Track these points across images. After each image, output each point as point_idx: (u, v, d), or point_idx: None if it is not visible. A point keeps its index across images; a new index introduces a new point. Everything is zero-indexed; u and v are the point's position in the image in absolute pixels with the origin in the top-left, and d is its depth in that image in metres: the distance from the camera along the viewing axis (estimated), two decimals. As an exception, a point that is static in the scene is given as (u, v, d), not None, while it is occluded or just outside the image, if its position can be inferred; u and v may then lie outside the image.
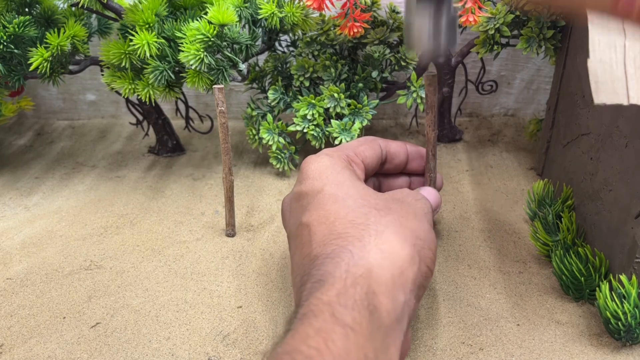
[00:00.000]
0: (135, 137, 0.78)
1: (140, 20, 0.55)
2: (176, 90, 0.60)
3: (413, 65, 0.63)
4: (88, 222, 0.58)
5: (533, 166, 0.65)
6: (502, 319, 0.43)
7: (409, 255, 0.33)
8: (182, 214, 0.59)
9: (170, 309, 0.46)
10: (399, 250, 0.33)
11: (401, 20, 0.66)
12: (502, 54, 0.62)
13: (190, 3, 0.60)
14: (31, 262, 0.52)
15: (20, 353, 0.42)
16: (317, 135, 0.61)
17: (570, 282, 0.44)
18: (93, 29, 0.67)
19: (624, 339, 0.39)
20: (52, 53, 0.56)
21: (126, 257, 0.52)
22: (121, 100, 0.79)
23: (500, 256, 0.51)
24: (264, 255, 0.52)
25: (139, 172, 0.68)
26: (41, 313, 0.46)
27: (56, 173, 0.69)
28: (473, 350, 0.41)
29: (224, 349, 0.41)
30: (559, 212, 0.50)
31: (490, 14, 0.56)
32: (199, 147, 0.74)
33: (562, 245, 0.47)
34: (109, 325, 0.44)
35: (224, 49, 0.56)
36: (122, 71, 0.58)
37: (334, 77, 0.63)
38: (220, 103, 0.49)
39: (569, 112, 0.53)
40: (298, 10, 0.59)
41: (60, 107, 0.84)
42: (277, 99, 0.64)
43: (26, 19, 0.56)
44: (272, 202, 0.60)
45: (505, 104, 0.79)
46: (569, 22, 0.54)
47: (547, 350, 0.40)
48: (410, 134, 0.75)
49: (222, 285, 0.48)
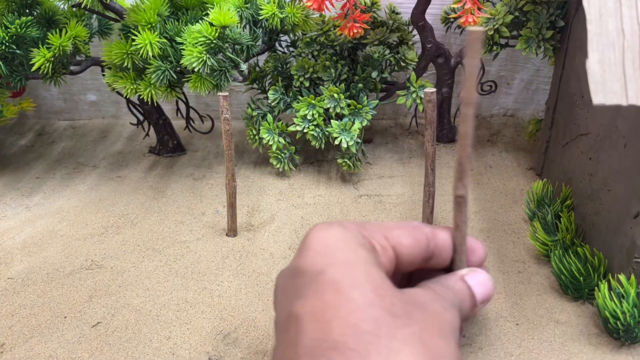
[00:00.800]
0: (136, 137, 0.78)
1: (142, 20, 0.56)
2: (177, 90, 0.60)
3: (412, 65, 0.64)
4: (89, 222, 0.58)
5: (532, 166, 0.65)
6: (502, 318, 0.44)
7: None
8: (182, 213, 0.59)
9: (171, 308, 0.46)
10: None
11: (401, 21, 0.66)
12: (501, 54, 0.62)
13: (191, 3, 0.60)
14: (32, 262, 0.52)
15: (22, 352, 0.42)
16: (317, 135, 0.61)
17: (569, 281, 0.44)
18: (94, 29, 0.67)
19: (622, 338, 0.40)
20: (54, 53, 0.56)
21: (127, 257, 0.52)
22: (122, 101, 0.79)
23: (500, 256, 0.51)
24: (264, 255, 0.52)
25: (139, 172, 0.68)
26: (42, 312, 0.46)
27: (57, 173, 0.69)
28: (473, 350, 0.41)
29: (224, 348, 0.42)
30: (558, 212, 0.50)
31: (490, 15, 0.57)
32: (200, 147, 0.74)
33: (561, 245, 0.47)
34: (109, 325, 0.44)
35: (226, 50, 0.56)
36: (124, 71, 0.59)
37: (334, 77, 0.63)
38: (224, 110, 0.49)
39: (568, 113, 0.53)
40: (298, 10, 0.60)
41: (61, 107, 0.84)
42: (277, 99, 0.64)
43: (28, 20, 0.56)
44: (273, 202, 0.61)
45: (504, 104, 0.79)
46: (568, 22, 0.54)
47: (546, 349, 0.41)
48: (410, 134, 0.75)
49: (223, 285, 0.48)
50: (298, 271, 0.29)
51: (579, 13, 0.51)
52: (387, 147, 0.72)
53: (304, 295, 0.28)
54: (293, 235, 0.55)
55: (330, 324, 0.26)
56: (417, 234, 0.33)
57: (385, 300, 0.27)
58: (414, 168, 0.67)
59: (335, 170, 0.67)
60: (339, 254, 0.29)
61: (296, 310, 0.27)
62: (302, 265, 0.29)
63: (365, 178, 0.65)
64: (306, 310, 0.27)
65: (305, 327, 0.26)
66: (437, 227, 0.35)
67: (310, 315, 0.26)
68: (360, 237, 0.31)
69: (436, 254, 0.34)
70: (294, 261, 0.31)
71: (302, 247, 0.31)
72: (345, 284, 0.27)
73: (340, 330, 0.25)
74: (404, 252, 0.32)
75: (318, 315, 0.26)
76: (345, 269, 0.28)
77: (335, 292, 0.27)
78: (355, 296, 0.26)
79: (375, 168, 0.67)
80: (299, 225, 0.56)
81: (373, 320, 0.26)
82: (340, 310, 0.26)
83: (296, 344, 0.26)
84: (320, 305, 0.27)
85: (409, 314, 0.27)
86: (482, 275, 0.33)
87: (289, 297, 0.29)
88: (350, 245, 0.30)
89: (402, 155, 0.70)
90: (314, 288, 0.28)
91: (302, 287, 0.28)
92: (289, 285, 0.30)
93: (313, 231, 0.31)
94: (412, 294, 0.29)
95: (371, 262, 0.29)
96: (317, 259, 0.29)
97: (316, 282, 0.28)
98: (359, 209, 0.59)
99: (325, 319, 0.26)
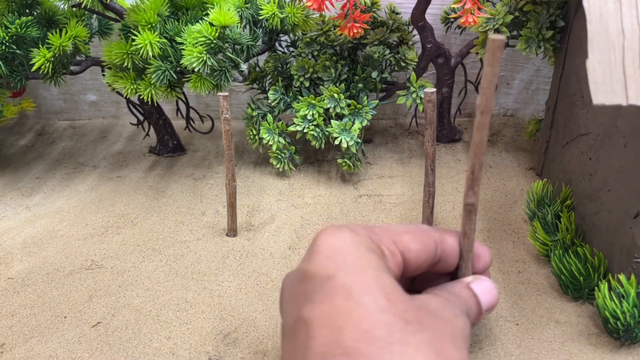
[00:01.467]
0: (136, 138, 0.78)
1: (142, 20, 0.56)
2: (177, 90, 0.60)
3: (412, 65, 0.64)
4: (89, 222, 0.58)
5: (532, 166, 0.65)
6: (501, 318, 0.44)
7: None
8: (182, 213, 0.59)
9: (171, 308, 0.46)
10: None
11: (401, 21, 0.66)
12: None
13: (191, 3, 0.60)
14: (32, 262, 0.52)
15: (22, 352, 0.42)
16: (317, 135, 0.61)
17: (569, 281, 0.44)
18: (94, 29, 0.67)
19: (622, 338, 0.40)
20: (54, 53, 0.56)
21: (127, 257, 0.52)
22: (122, 101, 0.79)
23: (500, 256, 0.51)
24: (264, 254, 0.52)
25: (139, 172, 0.68)
26: (42, 312, 0.46)
27: (57, 173, 0.69)
28: (472, 350, 0.41)
29: (224, 349, 0.42)
30: (558, 212, 0.50)
31: (490, 15, 0.57)
32: (200, 147, 0.74)
33: (561, 245, 0.47)
34: (109, 325, 0.44)
35: (226, 50, 0.56)
36: (124, 71, 0.59)
37: (334, 77, 0.63)
38: (224, 110, 0.49)
39: (568, 113, 0.53)
40: (298, 10, 0.60)
41: (62, 107, 0.84)
42: (277, 99, 0.64)
43: (28, 20, 0.56)
44: (273, 202, 0.61)
45: (504, 104, 0.79)
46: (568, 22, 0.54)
47: (546, 349, 0.41)
48: (410, 134, 0.75)
49: (223, 285, 0.48)
50: (307, 275, 0.29)
51: (579, 13, 0.51)
52: (387, 147, 0.72)
53: (314, 300, 0.27)
54: (293, 235, 0.55)
55: (341, 330, 0.25)
56: (425, 239, 0.33)
57: (397, 306, 0.26)
58: (414, 168, 0.67)
59: (335, 170, 0.67)
60: (349, 258, 0.28)
61: (306, 315, 0.27)
62: (311, 269, 0.29)
63: (365, 178, 0.65)
64: (316, 315, 0.26)
65: (315, 332, 0.26)
66: (445, 232, 0.34)
67: (320, 320, 0.26)
68: (369, 241, 0.30)
69: (443, 259, 0.34)
70: (303, 265, 0.30)
71: (311, 251, 0.30)
72: (356, 289, 0.27)
73: (352, 336, 0.25)
74: (412, 258, 0.32)
75: (329, 320, 0.26)
76: (355, 274, 0.28)
77: (347, 297, 0.26)
78: (366, 302, 0.26)
79: (375, 168, 0.67)
80: (299, 225, 0.56)
81: (385, 326, 0.25)
82: (352, 316, 0.26)
83: (306, 349, 0.26)
84: (331, 311, 0.26)
85: (421, 320, 0.26)
86: (487, 283, 0.34)
87: (298, 301, 0.29)
88: (360, 249, 0.29)
89: (402, 155, 0.70)
90: (323, 292, 0.27)
91: (311, 292, 0.28)
92: (298, 289, 0.29)
93: (322, 235, 0.30)
94: (423, 301, 0.29)
95: (381, 267, 0.29)
96: (327, 264, 0.29)
97: (326, 287, 0.27)
98: (359, 209, 0.59)
99: (336, 325, 0.25)
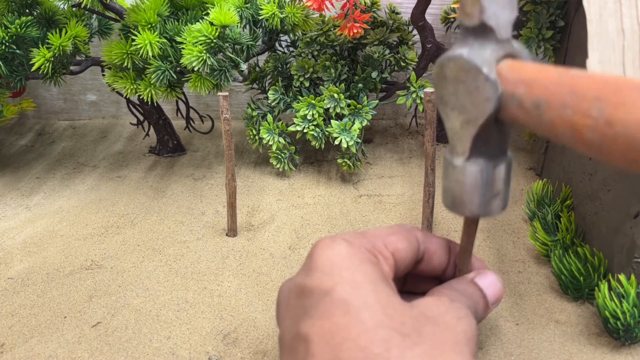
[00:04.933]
0: (136, 138, 0.78)
1: (142, 20, 0.56)
2: (177, 90, 0.60)
3: (412, 65, 0.64)
4: (89, 222, 0.58)
5: (532, 166, 0.65)
6: (501, 318, 0.44)
7: None
8: (182, 213, 0.59)
9: (171, 308, 0.46)
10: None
11: (401, 21, 0.66)
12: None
13: (191, 3, 0.60)
14: (32, 262, 0.52)
15: (22, 352, 0.42)
16: (317, 135, 0.61)
17: (569, 281, 0.44)
18: (94, 29, 0.67)
19: (622, 338, 0.40)
20: (54, 53, 0.56)
21: (127, 257, 0.52)
22: (122, 101, 0.79)
23: (500, 256, 0.51)
24: (264, 254, 0.52)
25: (139, 172, 0.68)
26: (42, 312, 0.46)
27: (57, 173, 0.69)
28: (472, 350, 0.41)
29: (224, 348, 0.42)
30: (558, 212, 0.50)
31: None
32: (200, 147, 0.74)
33: (561, 245, 0.47)
34: (109, 325, 0.44)
35: (226, 50, 0.56)
36: (124, 71, 0.59)
37: (334, 77, 0.63)
38: (224, 110, 0.49)
39: (568, 113, 0.53)
40: (298, 10, 0.60)
41: (61, 107, 0.84)
42: (277, 100, 0.64)
43: (28, 20, 0.56)
44: (273, 202, 0.61)
45: (504, 105, 0.79)
46: (568, 22, 0.54)
47: (546, 349, 0.41)
48: (410, 134, 0.75)
49: (223, 285, 0.48)
50: (305, 290, 0.29)
51: (579, 13, 0.51)
52: (387, 147, 0.72)
53: (313, 316, 0.28)
54: (293, 235, 0.55)
55: (340, 347, 0.26)
56: (410, 237, 0.34)
57: (395, 319, 0.27)
58: (414, 168, 0.67)
59: (335, 170, 0.67)
60: (345, 273, 0.29)
61: (305, 331, 0.27)
62: (308, 284, 0.29)
63: (365, 178, 0.65)
64: (315, 331, 0.27)
65: (315, 349, 0.26)
66: (431, 234, 0.36)
67: (319, 337, 0.26)
68: (363, 251, 0.31)
69: (426, 258, 0.35)
70: (300, 278, 0.31)
71: (308, 266, 0.30)
72: (353, 305, 0.27)
73: (350, 354, 0.25)
74: (401, 257, 0.33)
75: (328, 337, 0.26)
76: (352, 289, 0.28)
77: (345, 313, 0.27)
78: (364, 318, 0.26)
79: (375, 168, 0.67)
80: (299, 225, 0.56)
81: (383, 342, 0.26)
82: (350, 333, 0.26)
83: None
84: (330, 327, 0.26)
85: (419, 331, 0.27)
86: (490, 276, 0.34)
87: (297, 316, 0.29)
88: (355, 262, 0.30)
89: (402, 155, 0.70)
90: (322, 308, 0.28)
91: (309, 307, 0.28)
92: (296, 304, 0.30)
93: (318, 248, 0.31)
94: (423, 308, 0.29)
95: (377, 277, 0.29)
96: (324, 279, 0.29)
97: (324, 302, 0.28)
98: (359, 209, 0.59)
99: (335, 342, 0.26)
